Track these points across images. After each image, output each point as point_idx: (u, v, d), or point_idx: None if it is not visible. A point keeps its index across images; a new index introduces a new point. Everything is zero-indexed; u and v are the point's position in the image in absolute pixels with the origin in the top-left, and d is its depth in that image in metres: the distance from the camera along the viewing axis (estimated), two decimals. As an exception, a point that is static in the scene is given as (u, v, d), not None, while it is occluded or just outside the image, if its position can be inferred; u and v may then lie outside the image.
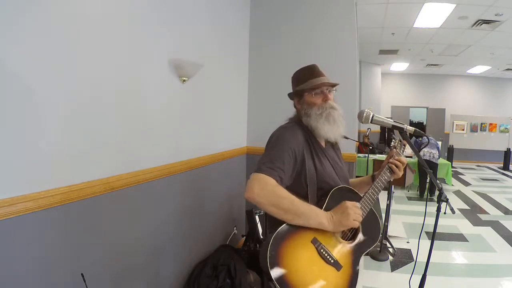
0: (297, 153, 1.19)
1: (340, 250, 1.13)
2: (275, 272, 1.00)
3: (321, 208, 1.13)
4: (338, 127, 1.26)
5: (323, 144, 1.32)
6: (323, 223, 1.08)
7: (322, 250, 1.08)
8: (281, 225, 1.08)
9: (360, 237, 1.19)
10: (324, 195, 1.18)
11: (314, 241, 1.09)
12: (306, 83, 1.29)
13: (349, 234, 1.19)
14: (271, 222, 1.15)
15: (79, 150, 1.37)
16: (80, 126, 1.37)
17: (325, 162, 1.26)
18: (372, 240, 1.22)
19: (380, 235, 1.26)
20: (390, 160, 1.28)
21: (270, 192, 1.07)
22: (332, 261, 1.09)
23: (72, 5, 1.29)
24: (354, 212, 1.11)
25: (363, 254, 1.20)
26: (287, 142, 1.19)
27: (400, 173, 1.28)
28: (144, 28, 1.73)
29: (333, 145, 1.38)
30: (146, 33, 1.74)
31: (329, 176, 1.23)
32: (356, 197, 1.21)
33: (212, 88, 2.50)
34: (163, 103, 1.92)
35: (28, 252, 1.17)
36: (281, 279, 1.00)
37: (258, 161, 1.16)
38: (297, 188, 1.18)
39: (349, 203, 1.13)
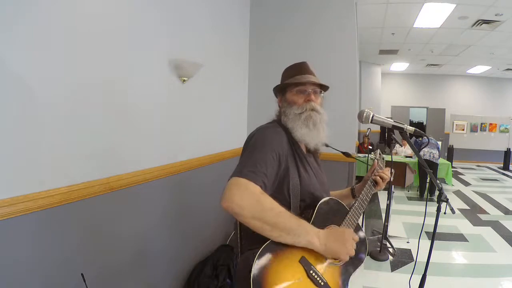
0: (281, 156, 1.04)
1: (329, 270, 1.00)
2: None
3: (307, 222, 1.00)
4: (319, 132, 1.13)
5: (303, 149, 1.17)
6: (313, 243, 0.94)
7: (311, 272, 0.94)
8: (261, 238, 0.92)
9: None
10: (308, 207, 1.06)
11: (303, 261, 0.94)
12: (290, 79, 1.18)
13: None
14: (249, 233, 0.96)
15: (79, 150, 1.37)
16: (80, 126, 1.37)
17: (309, 171, 1.13)
18: (359, 259, 1.11)
19: (367, 251, 1.18)
20: (375, 173, 1.24)
21: (254, 202, 0.89)
22: (322, 283, 0.95)
23: (71, 5, 1.29)
24: (351, 246, 0.99)
25: (351, 275, 1.09)
26: (270, 143, 1.04)
27: (383, 186, 1.24)
28: (144, 28, 1.73)
29: (314, 152, 1.23)
30: (146, 33, 1.74)
31: (313, 187, 1.11)
32: (343, 211, 1.12)
33: (212, 88, 2.50)
34: (163, 103, 1.92)
35: (28, 252, 1.17)
36: None
37: (238, 164, 0.99)
38: (279, 199, 1.00)
39: (348, 233, 1.01)
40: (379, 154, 1.35)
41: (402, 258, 3.24)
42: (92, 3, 1.40)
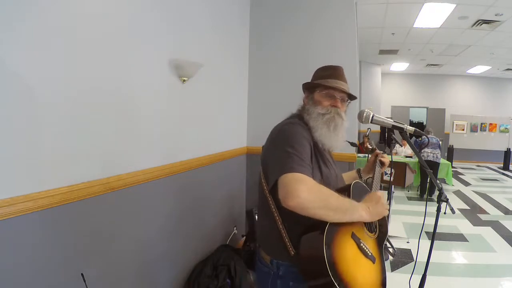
0: (312, 149, 1.10)
1: (370, 243, 1.11)
2: (336, 279, 0.92)
3: None
4: (337, 136, 1.18)
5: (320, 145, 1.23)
6: (363, 215, 1.03)
7: (362, 244, 1.04)
8: (310, 222, 0.98)
9: (378, 229, 1.20)
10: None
11: (354, 236, 1.04)
12: (323, 80, 1.21)
13: (373, 227, 1.17)
14: (296, 220, 1.00)
15: (79, 150, 1.36)
16: (80, 126, 1.37)
17: (328, 165, 1.19)
18: (385, 231, 1.22)
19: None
20: (381, 156, 1.45)
21: (318, 192, 0.95)
22: (369, 254, 1.06)
23: (71, 5, 1.29)
24: (384, 202, 1.11)
25: (383, 246, 1.21)
26: (303, 137, 1.08)
27: (386, 167, 1.45)
28: (144, 28, 1.73)
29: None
30: (146, 33, 1.74)
31: (333, 180, 1.17)
32: (365, 186, 1.25)
33: (212, 88, 2.50)
34: (163, 103, 1.92)
35: (28, 252, 1.17)
36: (342, 284, 0.93)
37: (277, 159, 1.02)
38: None
39: (379, 193, 1.13)
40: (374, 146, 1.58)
41: (402, 258, 3.25)
42: (92, 3, 1.39)
